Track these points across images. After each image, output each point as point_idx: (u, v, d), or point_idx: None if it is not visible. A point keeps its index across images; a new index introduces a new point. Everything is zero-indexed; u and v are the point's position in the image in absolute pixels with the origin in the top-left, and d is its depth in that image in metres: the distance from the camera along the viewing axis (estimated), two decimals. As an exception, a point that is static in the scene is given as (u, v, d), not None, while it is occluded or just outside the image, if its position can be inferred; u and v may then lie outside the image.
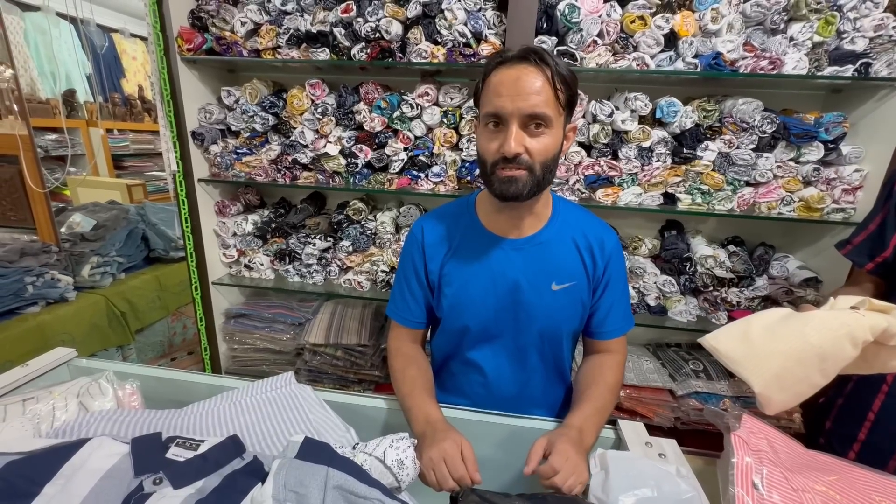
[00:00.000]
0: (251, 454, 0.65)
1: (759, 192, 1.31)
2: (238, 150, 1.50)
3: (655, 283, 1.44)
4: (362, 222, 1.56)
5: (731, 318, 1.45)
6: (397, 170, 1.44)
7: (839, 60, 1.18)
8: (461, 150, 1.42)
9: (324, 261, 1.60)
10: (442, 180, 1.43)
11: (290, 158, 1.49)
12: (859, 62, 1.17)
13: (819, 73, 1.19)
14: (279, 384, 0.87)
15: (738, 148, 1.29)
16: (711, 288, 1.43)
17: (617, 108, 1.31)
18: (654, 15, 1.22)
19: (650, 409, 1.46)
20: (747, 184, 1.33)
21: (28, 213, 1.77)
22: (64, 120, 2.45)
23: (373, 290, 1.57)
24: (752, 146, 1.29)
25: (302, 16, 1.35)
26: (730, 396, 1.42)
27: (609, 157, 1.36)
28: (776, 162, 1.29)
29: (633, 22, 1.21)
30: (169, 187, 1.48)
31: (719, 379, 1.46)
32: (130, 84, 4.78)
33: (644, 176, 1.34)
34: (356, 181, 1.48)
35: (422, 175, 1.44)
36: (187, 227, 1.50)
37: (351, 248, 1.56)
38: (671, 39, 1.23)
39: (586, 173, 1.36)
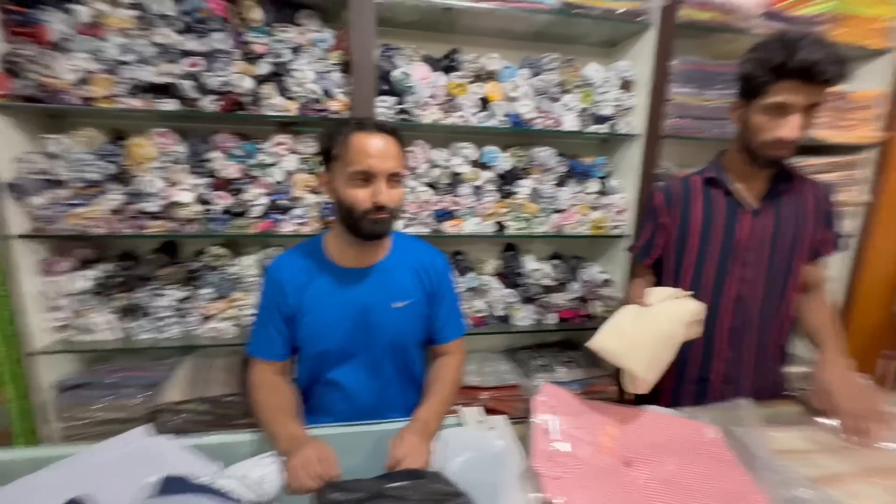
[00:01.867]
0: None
1: (563, 216, 1.70)
2: (70, 202, 1.38)
3: (500, 296, 1.73)
4: (223, 268, 1.54)
5: (561, 319, 1.81)
6: (258, 214, 1.49)
7: (598, 121, 1.65)
8: (321, 192, 1.54)
9: (181, 312, 1.53)
10: (305, 221, 1.52)
11: (134, 208, 1.42)
12: (609, 122, 1.65)
13: (586, 130, 1.63)
14: (131, 439, 0.84)
15: (544, 184, 1.67)
16: (542, 295, 1.76)
17: (452, 155, 1.59)
18: (470, 84, 1.54)
19: (509, 405, 1.70)
20: (555, 211, 1.71)
21: None
22: None
23: (241, 336, 1.55)
24: (554, 182, 1.68)
25: (143, 67, 1.35)
26: (566, 381, 1.75)
27: (451, 194, 1.62)
28: (571, 194, 1.70)
29: (455, 88, 1.51)
30: (-29, 247, 1.28)
31: (558, 370, 1.79)
32: None
33: (479, 208, 1.63)
34: (215, 227, 1.47)
35: (283, 217, 1.51)
36: (3, 290, 1.30)
37: (214, 295, 1.52)
38: (485, 102, 1.56)
39: (434, 208, 1.59)
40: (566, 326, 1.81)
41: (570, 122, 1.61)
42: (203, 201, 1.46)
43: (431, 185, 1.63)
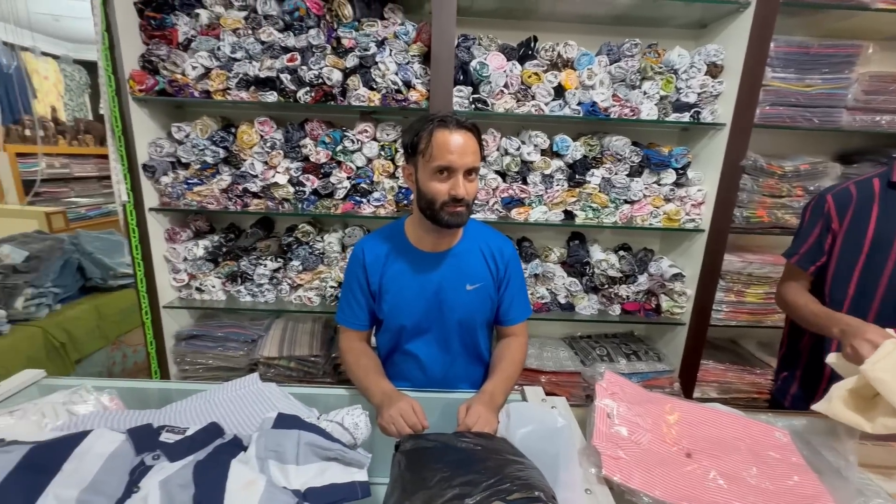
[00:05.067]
0: (231, 434, 0.81)
1: (634, 207, 1.67)
2: (189, 181, 1.61)
3: (563, 284, 1.75)
4: (311, 243, 1.72)
5: (625, 311, 1.80)
6: (342, 196, 1.64)
7: (679, 109, 1.58)
8: (397, 178, 1.65)
9: (275, 280, 1.74)
10: (382, 204, 1.64)
11: (240, 187, 1.63)
12: (693, 110, 1.57)
13: (666, 119, 1.58)
14: (246, 384, 1.01)
15: (615, 174, 1.64)
16: (607, 286, 1.76)
17: (523, 143, 1.62)
18: (545, 72, 1.54)
19: (566, 390, 1.74)
20: (625, 201, 1.68)
21: (-48, 246, 1.72)
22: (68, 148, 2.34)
23: (322, 305, 1.73)
24: (626, 172, 1.65)
25: (251, 62, 1.52)
26: (626, 373, 1.75)
27: (520, 182, 1.66)
28: (644, 184, 1.66)
29: (530, 77, 1.53)
30: (119, 217, 1.55)
31: (619, 360, 1.79)
32: (42, 105, 4.51)
33: (548, 197, 1.65)
34: (304, 207, 1.65)
35: (364, 200, 1.64)
36: (138, 254, 1.57)
37: (301, 268, 1.71)
38: (559, 90, 1.56)
39: (502, 196, 1.64)
40: (630, 319, 1.79)
41: (649, 111, 1.56)
42: (295, 183, 1.63)
43: (501, 173, 1.68)
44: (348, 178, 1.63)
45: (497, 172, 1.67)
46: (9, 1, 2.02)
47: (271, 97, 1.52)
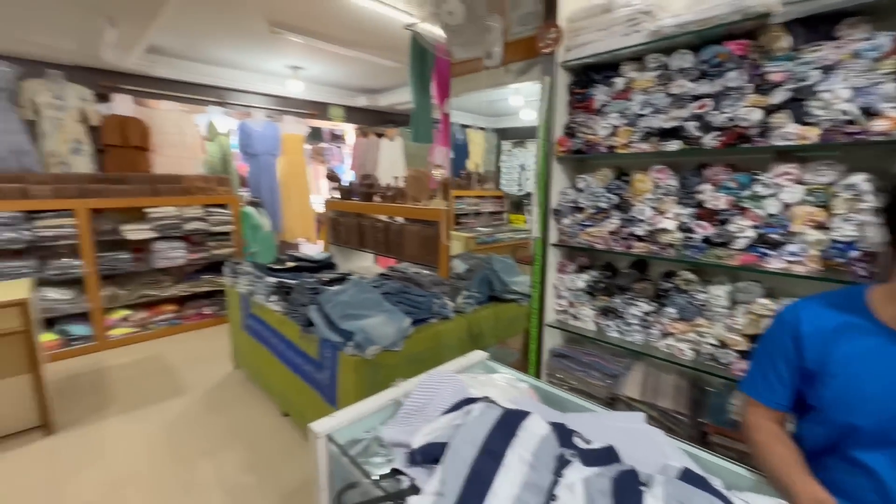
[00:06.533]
0: (628, 465, 0.86)
1: None
2: (583, 223, 1.89)
3: None
4: (691, 292, 1.63)
5: None
6: (741, 246, 1.46)
7: None
8: (829, 229, 1.30)
9: (645, 323, 1.75)
10: (800, 260, 1.34)
11: (627, 231, 1.75)
12: None
13: None
14: (630, 420, 1.06)
15: None
16: None
17: None
18: None
19: None
20: None
21: (435, 257, 2.75)
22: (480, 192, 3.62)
23: (695, 360, 1.59)
24: None
25: (656, 115, 1.62)
26: None
27: None
28: None
29: None
30: (532, 248, 2.01)
31: None
32: (472, 162, 6.54)
33: None
34: (690, 254, 1.58)
35: (772, 252, 1.39)
36: (538, 279, 1.98)
37: (676, 316, 1.64)
38: None
39: None
40: None
41: None
42: (684, 229, 1.59)
43: None
44: (754, 226, 1.43)
45: None
46: (468, 99, 3.11)
47: (674, 146, 1.56)
